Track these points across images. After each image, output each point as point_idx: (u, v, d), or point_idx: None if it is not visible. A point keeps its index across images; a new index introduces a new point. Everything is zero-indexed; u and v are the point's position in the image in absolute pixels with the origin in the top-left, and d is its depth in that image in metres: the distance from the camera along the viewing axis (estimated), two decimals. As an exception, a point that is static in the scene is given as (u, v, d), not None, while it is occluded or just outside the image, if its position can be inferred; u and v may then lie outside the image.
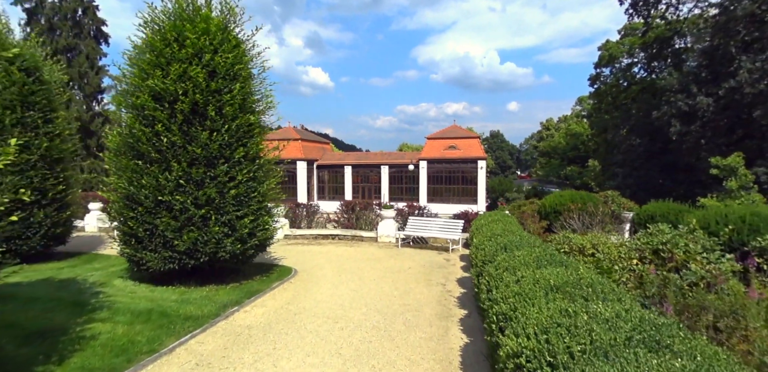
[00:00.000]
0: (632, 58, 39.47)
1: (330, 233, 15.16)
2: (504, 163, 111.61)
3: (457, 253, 12.73)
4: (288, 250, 13.10)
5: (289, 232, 15.40)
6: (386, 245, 13.85)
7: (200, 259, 8.40)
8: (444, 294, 8.42)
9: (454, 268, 10.70)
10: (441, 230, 13.22)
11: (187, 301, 7.78)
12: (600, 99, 42.69)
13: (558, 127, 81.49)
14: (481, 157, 40.44)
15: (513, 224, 10.33)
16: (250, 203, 8.81)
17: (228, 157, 8.61)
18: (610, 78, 41.90)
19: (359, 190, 44.43)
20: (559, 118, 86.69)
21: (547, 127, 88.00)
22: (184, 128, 8.36)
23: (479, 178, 40.27)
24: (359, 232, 14.82)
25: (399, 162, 42.35)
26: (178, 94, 8.26)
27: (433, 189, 41.57)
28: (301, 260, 11.61)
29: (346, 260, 11.57)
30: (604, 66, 41.78)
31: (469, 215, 14.70)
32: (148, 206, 8.31)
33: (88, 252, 12.60)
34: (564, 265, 5.47)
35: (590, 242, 7.40)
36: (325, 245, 14.00)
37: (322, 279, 9.60)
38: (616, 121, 35.05)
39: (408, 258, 11.87)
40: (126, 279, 9.41)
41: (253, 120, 8.97)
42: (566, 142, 60.26)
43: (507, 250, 6.76)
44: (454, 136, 42.17)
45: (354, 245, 13.92)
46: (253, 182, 8.91)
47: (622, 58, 39.82)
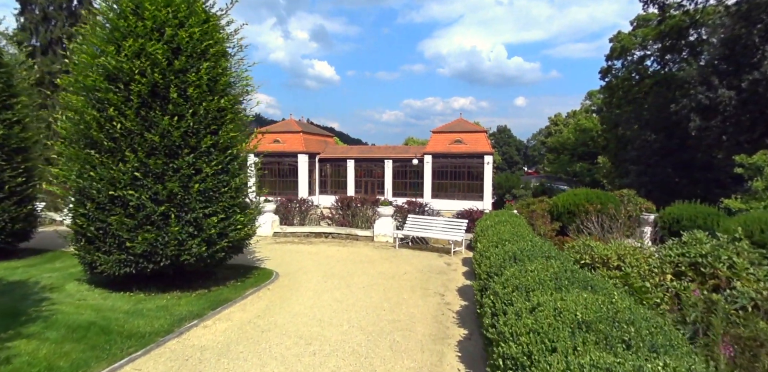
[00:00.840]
0: (645, 51, 37.80)
1: (323, 231, 14.03)
2: (511, 159, 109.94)
3: (459, 256, 11.55)
4: (274, 250, 11.98)
5: (278, 229, 14.29)
6: (382, 245, 12.70)
7: (160, 263, 7.30)
8: (442, 307, 7.26)
9: (454, 275, 9.53)
10: (442, 230, 12.04)
11: (140, 312, 6.68)
12: (611, 93, 41.06)
13: (567, 123, 79.64)
14: (487, 151, 39.13)
15: (522, 226, 9.13)
16: (221, 199, 7.67)
17: (194, 147, 7.47)
18: (621, 71, 40.25)
19: (362, 185, 43.30)
20: (568, 113, 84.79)
21: (556, 122, 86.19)
22: (142, 113, 7.23)
23: (485, 174, 38.97)
24: (354, 231, 13.68)
25: (403, 156, 41.12)
26: (134, 74, 7.12)
27: (438, 184, 40.34)
28: (285, 262, 10.49)
29: (336, 263, 10.44)
30: (616, 58, 40.13)
31: (473, 214, 13.51)
32: (101, 202, 7.22)
33: (55, 249, 11.53)
34: (591, 288, 4.28)
35: (615, 252, 6.19)
36: (316, 244, 12.87)
37: (305, 285, 8.47)
38: (629, 116, 33.50)
39: (405, 261, 10.71)
40: (82, 282, 8.35)
41: (225, 104, 7.80)
42: (575, 138, 58.54)
43: (517, 260, 5.57)
44: (460, 130, 40.84)
45: (348, 245, 12.78)
46: (224, 175, 7.77)
47: (634, 50, 38.14)
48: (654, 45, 36.41)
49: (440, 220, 12.48)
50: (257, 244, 12.87)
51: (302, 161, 42.15)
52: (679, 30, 31.43)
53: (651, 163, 27.48)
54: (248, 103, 8.77)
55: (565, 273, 4.71)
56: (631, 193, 15.04)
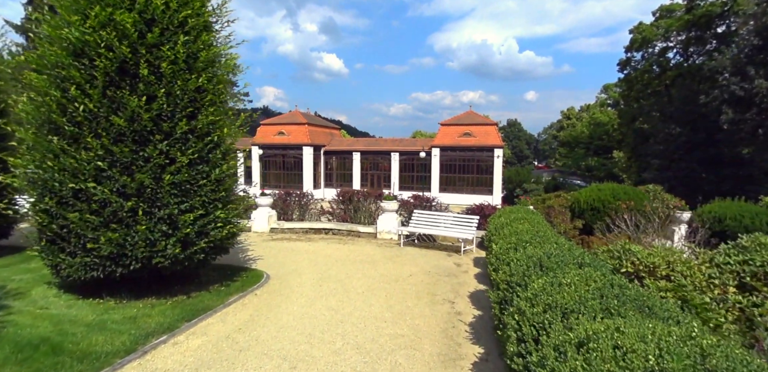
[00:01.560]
0: (667, 42, 36.26)
1: (323, 227, 13.09)
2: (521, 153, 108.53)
3: (469, 255, 10.56)
4: (268, 248, 11.06)
5: (276, 224, 13.37)
6: (386, 243, 11.74)
7: (130, 266, 6.39)
8: (452, 318, 6.29)
9: (465, 277, 8.55)
10: (451, 227, 11.04)
11: (103, 324, 5.78)
12: (630, 86, 39.56)
13: (580, 117, 78.04)
14: (497, 145, 37.96)
15: (542, 225, 8.12)
16: (199, 193, 6.73)
17: (167, 132, 6.52)
18: (641, 63, 38.73)
19: (368, 178, 42.37)
20: (582, 106, 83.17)
21: (568, 116, 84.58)
22: (108, 93, 6.27)
23: (495, 168, 37.85)
24: (356, 227, 12.73)
25: (411, 149, 40.05)
26: (99, 47, 6.16)
27: (446, 178, 39.28)
28: (279, 262, 9.57)
29: (334, 263, 9.49)
30: (636, 50, 38.57)
31: (485, 210, 12.49)
32: (64, 196, 6.31)
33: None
34: (649, 310, 3.29)
35: (663, 258, 5.16)
36: (314, 242, 11.94)
37: (297, 290, 7.53)
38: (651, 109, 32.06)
39: (410, 261, 9.75)
40: (52, 286, 7.48)
41: (205, 84, 6.83)
42: (590, 132, 56.98)
43: (544, 269, 4.57)
44: (470, 122, 39.65)
45: (348, 242, 11.83)
46: (203, 166, 6.82)
47: (656, 41, 36.60)
48: (678, 36, 34.89)
49: (449, 216, 11.48)
50: (251, 241, 11.97)
51: (307, 154, 41.23)
52: (708, 20, 29.94)
53: (675, 158, 26.15)
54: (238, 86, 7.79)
55: (611, 288, 3.71)
56: (658, 188, 13.93)
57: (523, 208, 10.53)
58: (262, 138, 43.13)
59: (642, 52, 38.37)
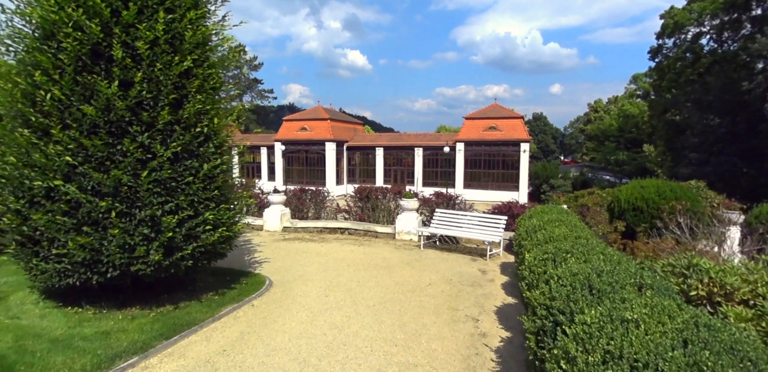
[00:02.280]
0: (701, 27, 33.98)
1: (338, 226, 12.24)
2: (547, 148, 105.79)
3: (496, 260, 9.52)
4: (277, 249, 10.27)
5: (289, 223, 12.59)
6: (405, 245, 10.80)
7: (107, 274, 5.64)
8: (476, 341, 5.31)
9: (491, 287, 7.54)
10: (476, 228, 10.01)
11: (71, 340, 5.04)
12: (661, 75, 37.30)
13: (608, 109, 75.19)
14: (524, 139, 36.48)
15: (582, 229, 7.05)
16: (188, 191, 5.92)
17: (149, 123, 5.72)
18: (673, 51, 36.46)
19: (391, 174, 41.45)
20: (609, 98, 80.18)
21: (596, 108, 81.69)
22: (78, 79, 5.50)
23: (521, 163, 36.40)
24: (373, 227, 11.82)
25: (434, 144, 38.90)
26: (66, 27, 5.39)
27: (471, 174, 38.01)
28: (286, 266, 8.75)
29: (346, 268, 8.62)
30: (668, 36, 36.29)
31: (513, 209, 11.39)
32: (36, 195, 5.60)
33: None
34: (755, 369, 2.26)
35: (741, 278, 4.06)
36: (328, 242, 11.09)
37: (300, 301, 6.68)
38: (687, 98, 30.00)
39: (430, 266, 8.79)
40: (34, 291, 6.83)
41: (192, 68, 6.01)
42: (618, 125, 54.48)
43: (595, 292, 3.56)
44: (495, 116, 38.21)
45: (365, 244, 10.94)
46: (191, 161, 6.01)
47: (689, 26, 34.33)
48: (712, 20, 32.64)
49: (473, 216, 10.45)
50: (260, 241, 11.22)
51: (330, 149, 40.55)
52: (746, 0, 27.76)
53: (715, 151, 24.28)
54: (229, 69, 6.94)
55: (695, 330, 2.68)
56: (701, 185, 12.59)
57: (556, 208, 9.42)
58: (285, 134, 42.72)
59: (674, 38, 36.10)
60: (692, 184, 12.55)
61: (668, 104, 34.73)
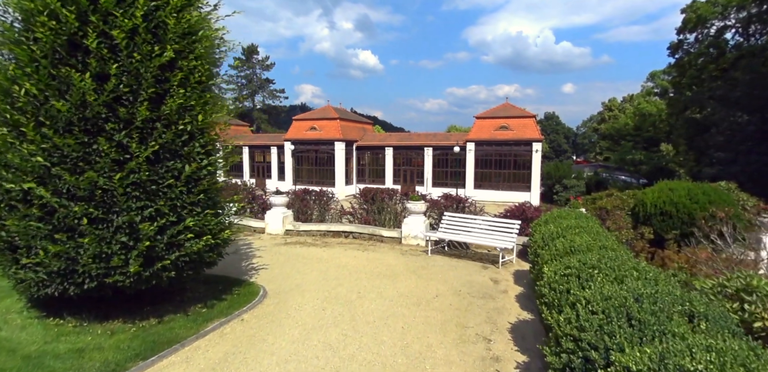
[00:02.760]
0: (725, 21, 32.83)
1: (342, 230, 11.67)
2: (559, 147, 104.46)
3: (509, 268, 8.88)
4: (277, 254, 9.74)
5: (291, 226, 12.05)
6: (412, 250, 10.20)
7: (84, 285, 5.14)
8: (488, 367, 4.70)
9: (505, 300, 6.91)
10: (487, 234, 9.38)
11: (42, 359, 4.57)
12: (681, 71, 36.15)
13: (623, 108, 73.78)
14: (536, 138, 35.68)
15: (606, 237, 6.40)
16: (170, 195, 5.40)
17: (127, 120, 5.20)
18: (695, 46, 35.31)
19: (401, 174, 40.89)
20: (624, 97, 78.68)
21: (610, 107, 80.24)
22: (54, 72, 5.00)
23: (533, 163, 35.61)
24: (379, 230, 11.23)
25: (444, 143, 38.23)
26: (40, 15, 4.89)
27: (481, 174, 37.28)
28: (284, 273, 8.21)
29: (347, 276, 8.05)
30: (690, 31, 35.12)
31: (527, 212, 10.72)
32: (13, 198, 5.12)
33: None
34: None
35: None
36: (331, 247, 10.53)
37: (294, 315, 6.12)
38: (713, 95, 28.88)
39: (437, 275, 8.18)
40: (22, 299, 6.38)
41: (176, 59, 5.47)
42: (634, 124, 53.14)
43: (636, 324, 2.94)
44: (506, 115, 37.43)
45: (369, 248, 10.37)
46: (174, 162, 5.48)
47: (713, 20, 33.17)
48: (738, 13, 31.48)
49: (484, 221, 9.81)
50: (261, 245, 10.70)
51: (339, 149, 40.08)
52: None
53: (742, 150, 23.19)
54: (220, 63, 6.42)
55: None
56: (731, 186, 11.80)
57: (574, 212, 8.76)
58: (295, 133, 42.37)
59: (696, 33, 34.93)
60: (723, 186, 11.76)
61: (689, 102, 33.61)
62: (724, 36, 33.25)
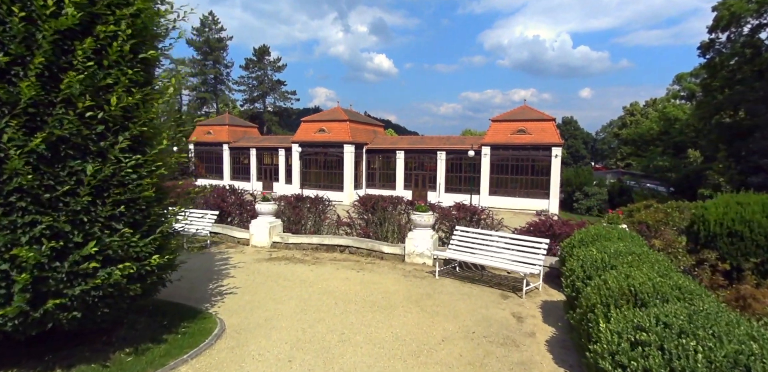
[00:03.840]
0: (760, 19, 30.67)
1: (337, 243, 10.12)
2: (577, 153, 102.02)
3: (535, 298, 7.21)
4: (255, 274, 8.20)
5: (279, 238, 10.53)
6: (416, 270, 8.60)
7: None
8: None
9: (533, 348, 5.25)
10: (508, 254, 7.73)
11: None
12: (713, 72, 33.96)
13: (645, 112, 71.38)
14: (555, 143, 33.85)
15: (673, 271, 4.74)
16: (74, 206, 3.90)
17: (13, 103, 3.73)
18: (727, 46, 33.15)
19: (412, 179, 39.30)
20: (647, 101, 76.23)
21: (632, 112, 77.75)
22: None
23: (553, 168, 33.75)
24: (379, 246, 9.64)
25: (458, 147, 36.54)
26: None
27: (497, 179, 35.50)
28: (256, 300, 6.67)
29: (332, 307, 6.47)
30: (722, 30, 33.02)
31: (554, 226, 9.02)
32: None
33: None
34: None
35: None
36: (321, 265, 8.98)
37: (250, 370, 4.56)
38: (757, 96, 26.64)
39: (445, 307, 6.56)
40: None
41: (89, 21, 3.99)
42: (659, 129, 50.76)
43: None
44: (524, 118, 35.64)
45: (366, 268, 8.79)
46: (82, 161, 3.99)
47: (748, 17, 31.02)
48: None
49: (503, 238, 8.16)
50: (240, 260, 9.20)
51: (348, 152, 38.67)
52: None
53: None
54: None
55: None
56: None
57: (616, 230, 7.08)
58: (303, 135, 41.09)
59: (728, 32, 32.78)
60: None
61: (721, 104, 31.44)
62: (759, 35, 31.12)
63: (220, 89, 71.76)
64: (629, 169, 58.45)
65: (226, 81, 72.13)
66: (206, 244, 10.69)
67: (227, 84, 72.25)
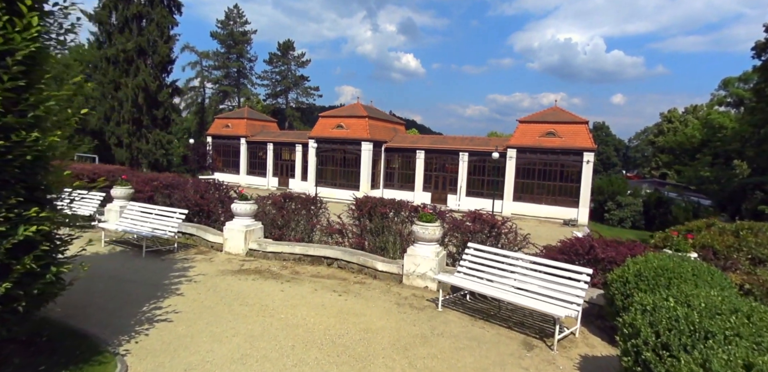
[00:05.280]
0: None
1: (324, 255, 8.33)
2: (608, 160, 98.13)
3: (570, 350, 5.25)
4: (210, 292, 6.48)
5: (257, 244, 8.80)
6: (414, 297, 6.74)
7: None
8: None
9: None
10: (535, 285, 5.80)
11: None
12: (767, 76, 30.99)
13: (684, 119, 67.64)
14: (587, 147, 31.42)
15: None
16: None
17: None
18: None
19: (432, 180, 37.31)
20: (686, 108, 72.39)
21: (670, 119, 73.94)
22: None
23: (583, 175, 31.32)
24: (372, 261, 7.79)
25: (482, 149, 34.39)
26: None
27: (522, 184, 33.23)
28: (189, 335, 4.93)
29: (288, 353, 4.68)
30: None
31: (596, 248, 7.00)
32: None
33: None
34: None
35: None
36: (298, 283, 7.20)
37: None
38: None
39: (443, 363, 4.69)
40: None
41: None
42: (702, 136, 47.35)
43: None
44: (555, 120, 33.25)
45: (352, 289, 6.97)
46: None
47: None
48: None
49: (529, 263, 6.19)
50: (202, 271, 7.50)
51: (366, 149, 36.94)
52: None
53: None
54: None
55: None
56: None
57: (689, 262, 5.09)
58: (320, 131, 39.55)
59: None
60: None
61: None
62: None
63: (242, 83, 71.06)
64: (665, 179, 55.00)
65: (249, 75, 71.44)
66: (173, 247, 9.05)
67: (250, 78, 71.55)
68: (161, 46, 37.45)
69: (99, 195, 10.83)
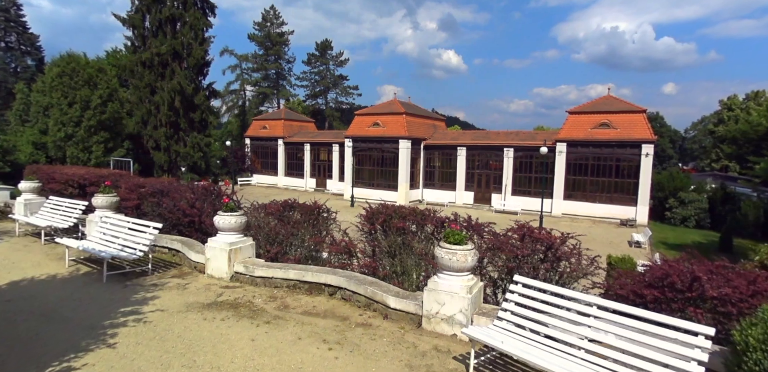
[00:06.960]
0: None
1: (325, 282, 6.45)
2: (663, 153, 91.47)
3: None
4: (146, 346, 4.72)
5: (243, 267, 7.02)
6: (436, 353, 4.74)
7: None
8: None
9: None
10: (618, 351, 3.68)
11: None
12: None
13: (745, 107, 61.39)
14: (646, 139, 28.22)
15: None
16: None
17: None
18: None
19: (475, 179, 34.92)
20: (747, 94, 65.97)
21: (730, 106, 67.65)
22: None
23: (642, 170, 28.14)
24: (382, 294, 5.81)
25: (529, 144, 31.70)
26: None
27: (573, 181, 30.33)
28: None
29: None
30: None
31: (701, 280, 4.73)
32: None
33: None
34: None
35: None
36: (280, 326, 5.37)
37: None
38: None
39: None
40: None
41: None
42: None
43: None
44: (608, 109, 30.08)
45: (347, 341, 5.06)
46: None
47: None
48: None
49: (610, 315, 4.06)
50: (163, 305, 5.80)
51: (404, 148, 35.01)
52: None
53: None
54: None
55: None
56: None
57: None
58: (356, 130, 37.97)
59: None
60: None
61: None
62: None
63: (281, 84, 70.73)
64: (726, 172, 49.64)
65: (287, 76, 71.03)
66: (146, 268, 7.46)
67: (288, 79, 71.12)
68: (196, 48, 36.98)
69: (81, 204, 9.53)
